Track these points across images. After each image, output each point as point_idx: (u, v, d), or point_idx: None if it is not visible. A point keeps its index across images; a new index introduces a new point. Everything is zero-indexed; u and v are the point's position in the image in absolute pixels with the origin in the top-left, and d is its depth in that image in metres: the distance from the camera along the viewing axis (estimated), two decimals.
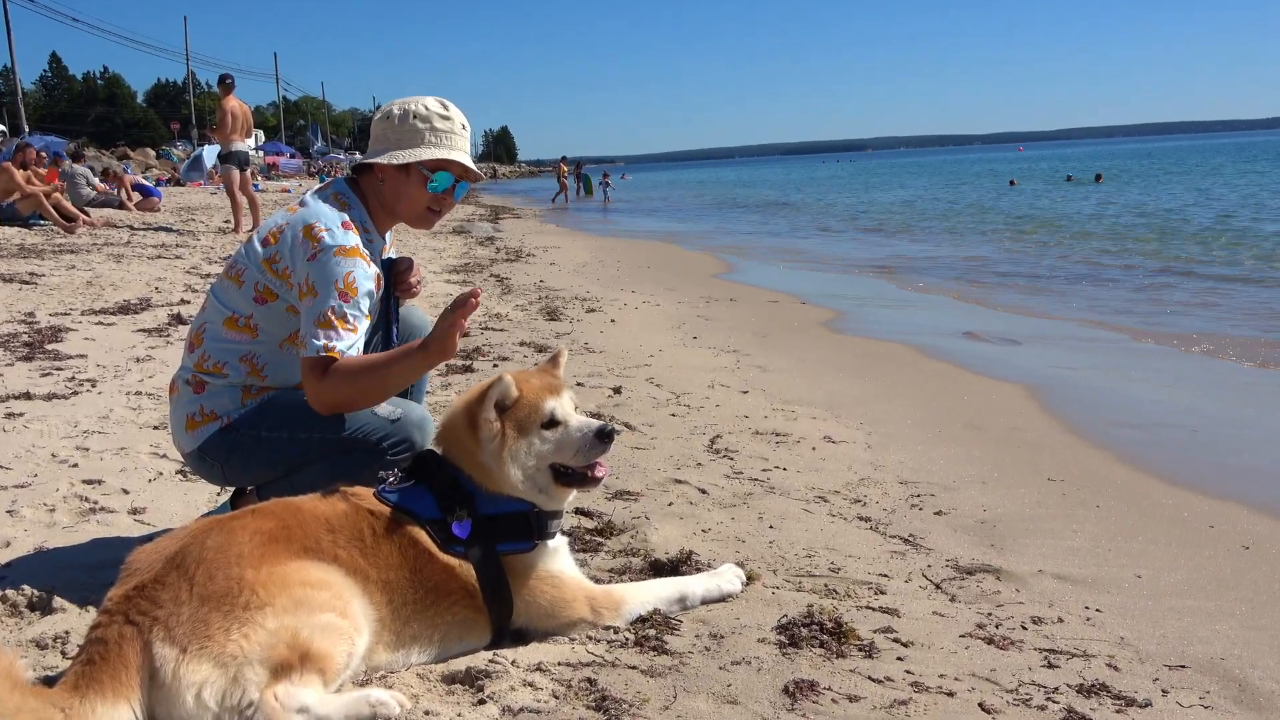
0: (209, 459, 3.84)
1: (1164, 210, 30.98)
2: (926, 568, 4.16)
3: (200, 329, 3.89)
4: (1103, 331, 11.26)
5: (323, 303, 3.59)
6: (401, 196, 3.92)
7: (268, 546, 2.86)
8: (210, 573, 2.74)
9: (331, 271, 3.61)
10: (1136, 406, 7.53)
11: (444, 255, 17.97)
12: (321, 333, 3.57)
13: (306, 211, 3.76)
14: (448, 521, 3.21)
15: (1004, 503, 5.14)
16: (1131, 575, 4.21)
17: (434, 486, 3.27)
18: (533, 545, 3.28)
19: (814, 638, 3.35)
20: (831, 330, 11.00)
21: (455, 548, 3.19)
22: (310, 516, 3.05)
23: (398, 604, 3.05)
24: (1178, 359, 9.59)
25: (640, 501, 4.84)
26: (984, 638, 3.47)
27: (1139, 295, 14.20)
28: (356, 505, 3.16)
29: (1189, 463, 5.98)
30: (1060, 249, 20.96)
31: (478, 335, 9.43)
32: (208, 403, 3.82)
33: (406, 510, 3.19)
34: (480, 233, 25.17)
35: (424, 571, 3.12)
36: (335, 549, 2.99)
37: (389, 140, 3.89)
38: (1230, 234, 22.53)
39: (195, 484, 4.90)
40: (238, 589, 2.71)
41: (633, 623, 3.40)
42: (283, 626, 2.68)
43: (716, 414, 6.75)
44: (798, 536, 4.44)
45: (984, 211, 34.48)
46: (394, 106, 3.93)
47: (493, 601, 3.21)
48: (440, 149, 3.87)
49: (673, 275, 16.16)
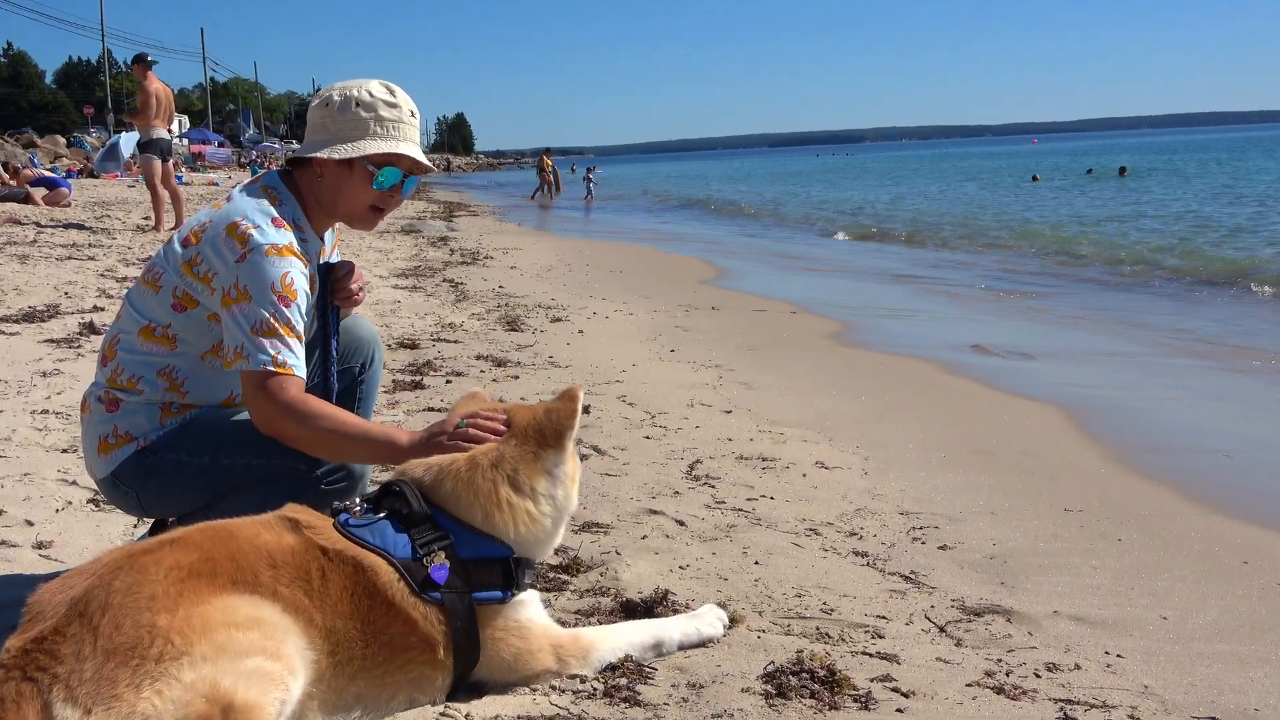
0: (124, 486, 3.81)
1: (1190, 211, 31.32)
2: (929, 609, 4.18)
3: (114, 340, 3.87)
4: (1126, 344, 11.35)
5: (259, 308, 3.57)
6: (342, 194, 3.91)
7: (186, 583, 2.81)
8: (117, 620, 2.69)
9: (266, 273, 3.59)
10: (1164, 427, 7.59)
11: (391, 257, 17.94)
12: (266, 342, 3.55)
13: (231, 208, 3.75)
14: (424, 564, 3.17)
15: (1016, 536, 5.17)
16: (1157, 616, 4.24)
17: (408, 522, 3.23)
18: (509, 595, 3.26)
19: (804, 687, 3.35)
20: (825, 342, 11.05)
21: (430, 594, 3.15)
22: (248, 546, 2.99)
23: (342, 658, 2.99)
24: (1209, 375, 9.67)
25: (610, 534, 4.84)
26: (993, 687, 3.49)
27: (1164, 303, 14.34)
28: (308, 540, 3.08)
29: (1222, 491, 6.03)
30: (1075, 253, 21.14)
31: (429, 347, 9.41)
32: (122, 422, 3.79)
33: (375, 549, 3.14)
34: (432, 232, 25.13)
35: (378, 624, 3.07)
36: (276, 585, 2.94)
37: (328, 131, 3.88)
38: (1263, 234, 22.80)
39: (109, 514, 4.86)
40: (148, 638, 2.66)
41: (602, 671, 3.39)
42: (200, 678, 2.63)
43: (696, 436, 6.76)
44: (786, 574, 4.45)
45: (994, 212, 34.72)
46: (334, 92, 3.92)
47: (462, 656, 3.18)
48: (387, 141, 3.87)
49: (648, 280, 16.20)
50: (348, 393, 4.26)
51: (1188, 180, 48.59)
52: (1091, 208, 34.53)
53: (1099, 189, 45.17)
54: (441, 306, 12.27)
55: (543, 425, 3.39)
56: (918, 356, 10.18)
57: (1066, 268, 18.60)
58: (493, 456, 3.34)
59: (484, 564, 3.24)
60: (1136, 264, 18.81)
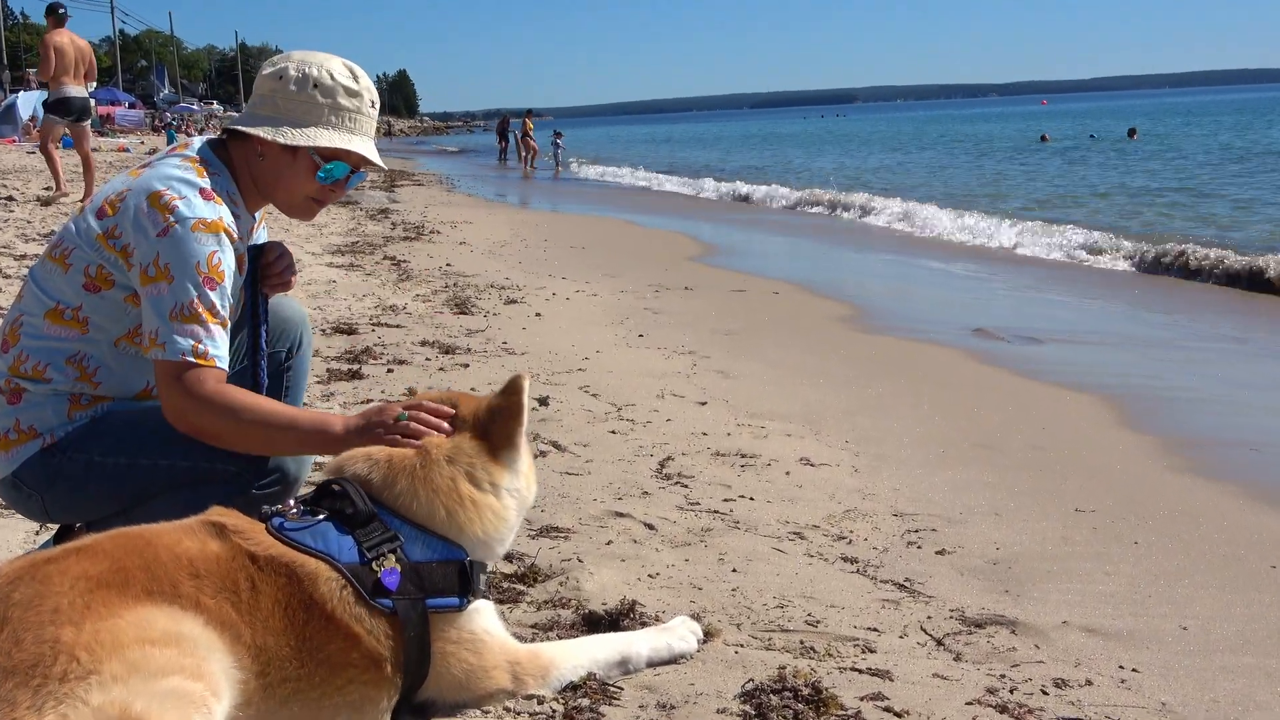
0: (26, 488, 3.79)
1: (1202, 175, 31.63)
2: (926, 620, 4.21)
3: (16, 323, 3.84)
4: (1139, 328, 11.45)
5: (181, 291, 3.55)
6: (282, 180, 3.90)
7: (94, 594, 2.79)
8: (17, 636, 2.67)
9: (191, 250, 3.57)
10: (1182, 418, 7.67)
11: (326, 232, 17.87)
12: (186, 328, 3.53)
13: (153, 174, 3.72)
14: (374, 568, 3.16)
15: (1022, 539, 5.21)
16: (1176, 626, 4.29)
17: (352, 523, 3.23)
18: (465, 602, 3.26)
19: (786, 707, 3.37)
20: (812, 326, 11.09)
21: (381, 601, 3.15)
22: (167, 555, 2.97)
23: (274, 679, 2.98)
24: (1235, 361, 9.77)
25: (571, 540, 4.85)
26: (996, 705, 3.52)
27: (1185, 285, 14.44)
28: (235, 547, 3.07)
29: (1248, 489, 6.09)
30: (1085, 222, 21.28)
31: (367, 333, 9.39)
32: (25, 416, 3.76)
33: (316, 554, 3.13)
34: (372, 204, 25.05)
35: (315, 640, 3.05)
36: (199, 595, 2.92)
37: (277, 108, 3.86)
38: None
39: (9, 519, 4.83)
40: (51, 655, 2.64)
41: (562, 691, 3.40)
42: (110, 701, 2.61)
43: (667, 430, 6.78)
44: (767, 582, 4.47)
45: (1003, 179, 34.89)
46: (290, 65, 3.89)
47: (412, 671, 3.18)
48: (340, 133, 3.86)
49: (614, 258, 16.20)
50: (274, 380, 4.22)
51: (1202, 142, 48.87)
52: (1099, 176, 34.75)
53: (1109, 155, 45.43)
54: (382, 287, 12.23)
55: (490, 423, 3.41)
56: (915, 339, 10.24)
57: (1075, 242, 18.67)
58: (448, 450, 3.35)
59: (438, 567, 3.24)
60: (1152, 239, 18.93)
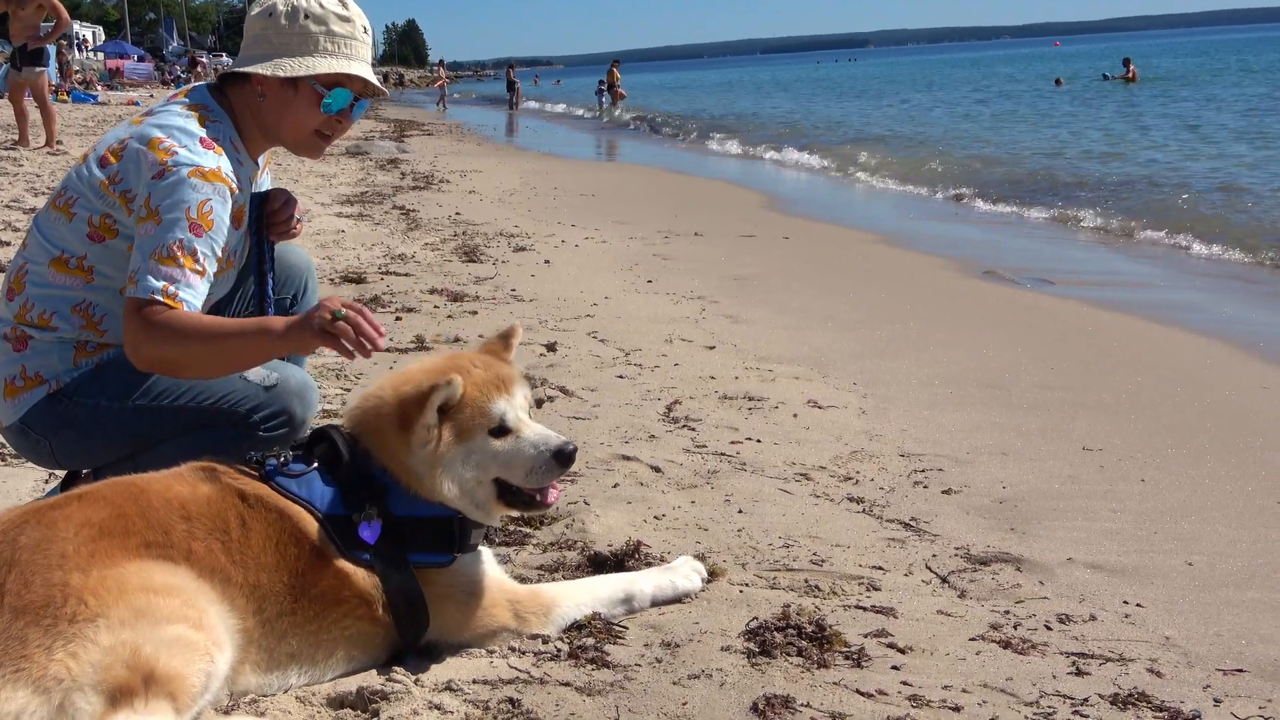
0: (33, 434, 3.81)
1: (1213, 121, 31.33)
2: (931, 558, 4.22)
3: (21, 270, 3.84)
4: (1153, 268, 11.40)
5: (166, 232, 3.55)
6: (286, 116, 3.88)
7: (99, 542, 2.83)
8: (26, 578, 2.71)
9: (183, 195, 3.57)
10: (1186, 357, 7.66)
11: (335, 182, 17.82)
12: (163, 270, 3.52)
13: (153, 121, 3.73)
14: (353, 520, 3.19)
15: (1029, 478, 5.22)
16: (1181, 563, 4.29)
17: (338, 474, 3.25)
18: (450, 559, 3.28)
19: (790, 644, 3.39)
20: (821, 271, 11.07)
21: (359, 553, 3.17)
22: (159, 500, 3.02)
23: (270, 615, 3.03)
24: (1236, 295, 9.73)
25: (578, 483, 4.86)
26: (999, 641, 3.54)
27: (1186, 221, 14.35)
28: (225, 487, 3.12)
29: (1254, 425, 6.09)
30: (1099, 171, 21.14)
31: (376, 281, 9.39)
32: (31, 363, 3.77)
33: (299, 500, 3.17)
34: (381, 153, 24.97)
35: (308, 576, 3.10)
36: (189, 541, 2.96)
37: (271, 44, 3.84)
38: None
39: (18, 467, 4.86)
40: (60, 597, 2.68)
41: (566, 630, 3.43)
42: (120, 642, 2.65)
43: (675, 375, 6.78)
44: (773, 523, 4.49)
45: (1007, 121, 34.64)
46: (278, 1, 3.87)
47: (405, 620, 3.21)
48: (339, 59, 3.84)
49: (622, 204, 16.15)
50: None
51: (1221, 86, 48.40)
52: (1118, 121, 34.47)
53: (1123, 97, 45.05)
54: (391, 236, 12.23)
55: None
56: (925, 283, 10.21)
57: (1087, 187, 18.56)
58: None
59: (423, 524, 3.26)
60: (1166, 185, 18.81)
